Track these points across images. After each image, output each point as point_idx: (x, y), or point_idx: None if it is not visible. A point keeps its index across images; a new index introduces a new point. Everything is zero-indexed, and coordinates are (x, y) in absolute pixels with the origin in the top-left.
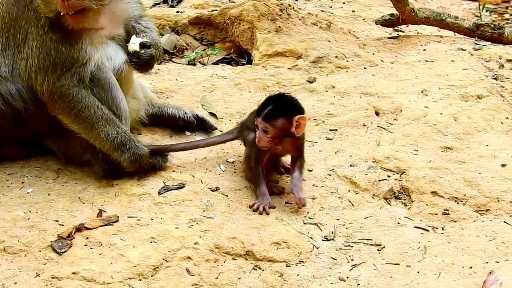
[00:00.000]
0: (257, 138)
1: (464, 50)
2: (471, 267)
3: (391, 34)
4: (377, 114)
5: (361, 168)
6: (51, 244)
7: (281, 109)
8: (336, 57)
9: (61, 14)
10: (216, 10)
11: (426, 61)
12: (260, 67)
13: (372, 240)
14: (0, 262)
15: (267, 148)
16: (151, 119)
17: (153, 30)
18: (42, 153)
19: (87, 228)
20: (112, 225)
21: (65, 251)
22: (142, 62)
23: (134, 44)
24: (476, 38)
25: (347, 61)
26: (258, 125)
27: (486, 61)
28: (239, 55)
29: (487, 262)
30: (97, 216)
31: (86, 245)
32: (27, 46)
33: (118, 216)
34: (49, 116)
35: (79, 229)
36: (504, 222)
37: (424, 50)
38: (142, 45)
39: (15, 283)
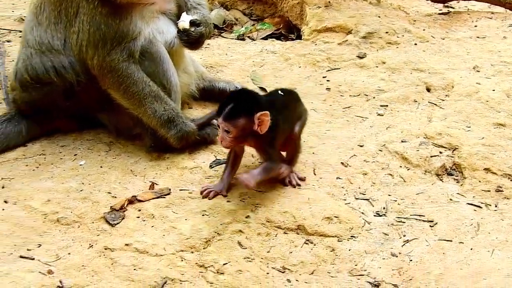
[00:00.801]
0: (219, 139)
1: None
2: None
3: (441, 10)
4: (428, 90)
5: (412, 144)
6: (104, 216)
7: (242, 107)
8: (387, 32)
9: None
10: None
11: (478, 37)
12: (309, 42)
13: (424, 216)
14: (54, 233)
15: (230, 148)
16: (201, 93)
17: (204, 7)
18: (94, 126)
19: (140, 201)
20: (164, 197)
21: (117, 223)
22: (192, 40)
23: (184, 21)
24: None
25: (398, 37)
26: (219, 125)
27: None
28: (288, 31)
29: None
30: (149, 189)
31: (138, 217)
32: (78, 20)
33: (170, 189)
34: (100, 89)
35: (132, 201)
36: None
37: (475, 26)
38: (192, 23)
39: (69, 253)
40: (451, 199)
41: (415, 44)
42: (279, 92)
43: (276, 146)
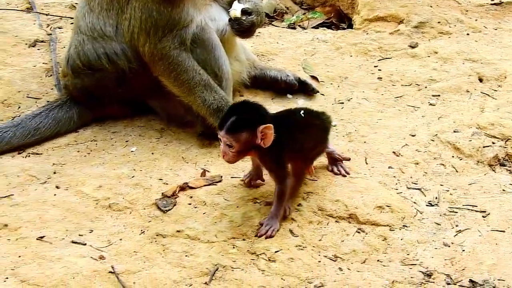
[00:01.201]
0: (222, 153)
1: None
2: None
3: (493, 0)
4: (480, 80)
5: (465, 134)
6: (155, 202)
7: (244, 120)
8: (439, 22)
9: None
10: None
11: None
12: (361, 31)
13: (476, 206)
14: (106, 218)
15: (233, 163)
16: (253, 81)
17: None
18: (145, 112)
19: (191, 188)
20: (215, 185)
21: (169, 209)
22: (243, 28)
23: (236, 10)
24: None
25: (450, 27)
26: (221, 139)
27: None
28: (339, 20)
29: None
30: (201, 176)
31: (190, 204)
32: (130, 7)
33: (221, 176)
34: (152, 76)
35: (183, 188)
36: None
37: None
38: (244, 12)
39: (121, 239)
40: (504, 190)
41: (467, 34)
42: (301, 112)
43: (283, 164)
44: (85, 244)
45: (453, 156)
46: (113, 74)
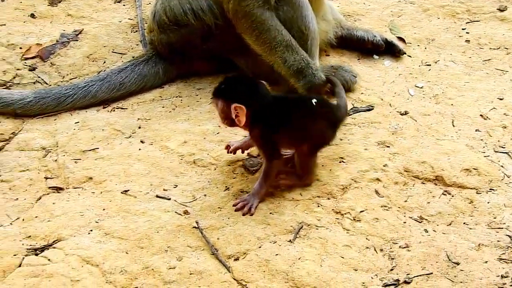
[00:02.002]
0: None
1: None
2: None
3: None
4: None
5: None
6: (243, 163)
7: (225, 91)
8: None
9: None
10: None
11: None
12: None
13: None
14: (190, 174)
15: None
16: (339, 41)
17: None
18: (230, 69)
19: None
20: None
21: (256, 170)
22: None
23: None
24: None
25: None
26: None
27: None
28: None
29: None
30: None
31: None
32: None
33: None
34: (237, 33)
35: None
36: None
37: None
38: None
39: (205, 195)
40: None
41: None
42: (313, 101)
43: (273, 145)
44: (169, 199)
45: None
46: (199, 30)
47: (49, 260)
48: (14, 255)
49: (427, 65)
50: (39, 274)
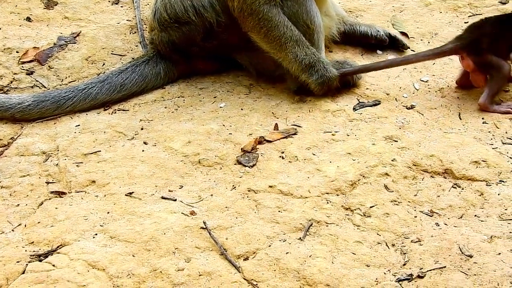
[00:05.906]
0: None
1: None
2: None
3: None
4: None
5: None
6: (237, 159)
7: None
8: None
9: None
10: None
11: None
12: None
13: None
14: (196, 174)
15: None
16: (342, 37)
17: None
18: (233, 68)
19: (268, 141)
20: (292, 137)
21: (253, 164)
22: None
23: None
24: None
25: None
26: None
27: None
28: None
29: None
30: (274, 129)
31: (282, 158)
32: None
33: (296, 129)
34: (240, 30)
35: (261, 141)
36: None
37: None
38: None
39: (212, 195)
40: None
41: None
42: None
43: None
44: (175, 200)
45: None
46: (200, 27)
47: (53, 265)
48: (17, 261)
49: None
50: (44, 280)
